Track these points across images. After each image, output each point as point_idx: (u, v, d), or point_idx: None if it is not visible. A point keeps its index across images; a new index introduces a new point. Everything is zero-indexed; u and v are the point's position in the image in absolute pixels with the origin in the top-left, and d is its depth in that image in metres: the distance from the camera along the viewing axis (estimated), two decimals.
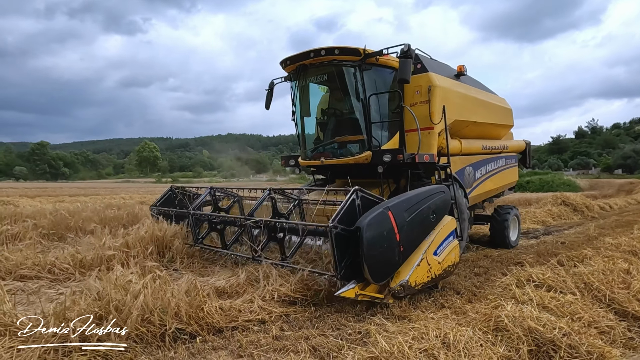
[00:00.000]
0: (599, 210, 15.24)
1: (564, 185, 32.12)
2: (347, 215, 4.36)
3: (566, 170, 66.79)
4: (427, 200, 4.79)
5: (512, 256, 7.32)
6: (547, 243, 8.69)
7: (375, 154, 6.24)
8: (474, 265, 6.70)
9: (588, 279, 4.69)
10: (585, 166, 70.88)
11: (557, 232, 10.57)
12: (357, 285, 4.27)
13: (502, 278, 5.32)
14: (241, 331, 3.89)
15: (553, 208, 14.01)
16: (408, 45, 5.87)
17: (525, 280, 4.82)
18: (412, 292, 4.57)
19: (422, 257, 4.59)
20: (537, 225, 11.93)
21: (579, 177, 44.97)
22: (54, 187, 40.75)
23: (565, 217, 13.51)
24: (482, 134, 8.36)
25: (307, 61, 6.41)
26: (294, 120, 7.21)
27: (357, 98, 6.32)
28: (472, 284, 5.55)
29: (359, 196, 4.57)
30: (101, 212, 9.67)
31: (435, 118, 6.56)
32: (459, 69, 7.72)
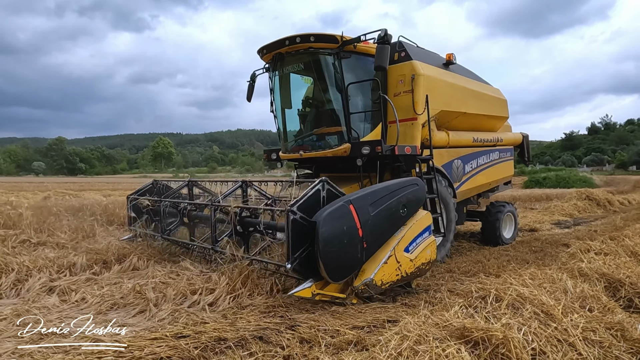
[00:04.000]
0: (619, 205, 16.07)
1: (580, 181, 31.58)
2: (309, 205, 4.06)
3: (580, 166, 65.39)
4: (397, 193, 4.46)
5: (558, 239, 8.26)
6: (581, 231, 9.55)
7: (354, 146, 5.95)
8: (529, 246, 7.74)
9: (634, 249, 6.02)
10: (600, 162, 69.34)
11: (586, 223, 11.57)
12: (315, 284, 4.00)
13: (566, 249, 6.44)
14: None
15: (578, 202, 15.04)
16: (385, 31, 5.54)
17: (586, 250, 5.79)
18: (378, 291, 4.28)
19: (390, 254, 4.27)
20: (566, 217, 13.13)
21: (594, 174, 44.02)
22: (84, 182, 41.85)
23: (590, 211, 14.58)
24: (473, 126, 7.96)
25: (282, 49, 6.12)
26: (273, 112, 6.94)
27: (336, 87, 6.04)
28: (535, 257, 6.57)
29: (325, 188, 4.26)
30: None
31: (418, 108, 6.24)
32: (448, 58, 7.35)
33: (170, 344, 3.17)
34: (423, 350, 2.51)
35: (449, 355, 2.46)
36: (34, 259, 5.50)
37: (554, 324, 2.91)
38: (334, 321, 3.81)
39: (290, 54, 6.16)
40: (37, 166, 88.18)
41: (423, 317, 3.06)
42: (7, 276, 4.88)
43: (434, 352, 2.47)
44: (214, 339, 3.30)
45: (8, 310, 3.73)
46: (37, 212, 8.79)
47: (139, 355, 2.98)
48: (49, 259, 5.51)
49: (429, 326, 2.82)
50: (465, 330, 2.72)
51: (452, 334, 2.74)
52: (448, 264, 6.57)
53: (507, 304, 3.12)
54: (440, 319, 2.95)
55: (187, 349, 3.12)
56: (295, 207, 3.92)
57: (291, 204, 3.93)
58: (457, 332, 2.74)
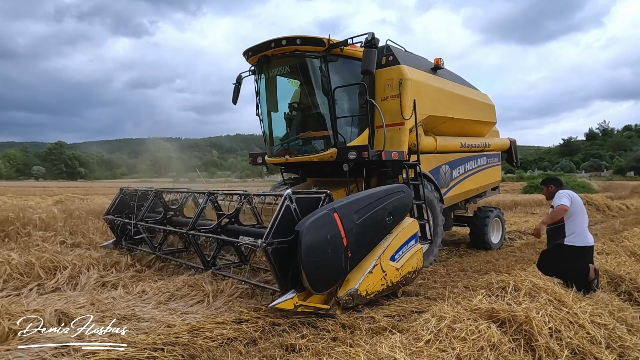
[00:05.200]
0: (618, 210, 16.57)
1: (578, 187, 31.96)
2: (283, 225, 3.87)
3: (578, 172, 65.91)
4: (383, 200, 4.37)
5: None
6: None
7: (340, 151, 5.85)
8: (533, 248, 8.22)
9: (632, 249, 6.57)
10: (598, 168, 69.83)
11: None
12: (297, 295, 3.84)
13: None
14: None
15: None
16: (372, 34, 5.46)
17: None
18: (363, 301, 4.17)
19: (376, 263, 4.18)
20: None
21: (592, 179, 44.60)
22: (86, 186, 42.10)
23: (589, 216, 14.40)
24: (461, 131, 7.93)
25: (268, 52, 6.03)
26: (259, 115, 6.83)
27: (322, 91, 5.94)
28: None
29: (293, 200, 4.04)
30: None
31: (406, 113, 6.16)
32: (436, 62, 7.30)
33: (233, 327, 3.65)
34: (459, 327, 2.99)
35: (481, 330, 2.94)
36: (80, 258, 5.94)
37: (565, 309, 3.39)
38: (368, 310, 4.28)
39: (276, 56, 6.06)
40: (37, 170, 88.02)
41: (453, 304, 3.54)
42: (62, 273, 5.32)
43: (468, 329, 2.96)
44: (270, 323, 3.80)
45: (82, 300, 4.20)
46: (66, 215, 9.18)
47: (210, 336, 3.46)
48: (94, 258, 5.94)
49: (460, 310, 3.31)
50: (493, 312, 3.21)
51: (481, 315, 3.22)
52: (460, 263, 7.04)
53: (524, 292, 3.60)
54: (468, 305, 3.43)
55: (249, 332, 3.62)
56: (269, 239, 3.72)
57: (264, 239, 3.73)
58: (486, 313, 3.23)
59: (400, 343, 2.77)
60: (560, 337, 3.08)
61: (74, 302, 4.10)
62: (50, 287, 4.99)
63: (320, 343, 3.46)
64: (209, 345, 3.35)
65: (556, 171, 60.97)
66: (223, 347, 3.34)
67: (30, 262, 5.51)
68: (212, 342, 3.40)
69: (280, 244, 3.81)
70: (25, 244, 7.00)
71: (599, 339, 3.19)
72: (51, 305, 3.88)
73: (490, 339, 2.87)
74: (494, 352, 2.78)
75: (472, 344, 2.81)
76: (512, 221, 13.12)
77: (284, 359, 3.20)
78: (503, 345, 2.86)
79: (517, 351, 2.89)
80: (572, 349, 3.03)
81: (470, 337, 2.87)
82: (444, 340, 2.86)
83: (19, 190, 29.04)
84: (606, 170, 68.17)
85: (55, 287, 5.01)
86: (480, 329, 2.95)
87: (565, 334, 3.09)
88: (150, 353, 3.13)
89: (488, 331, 2.93)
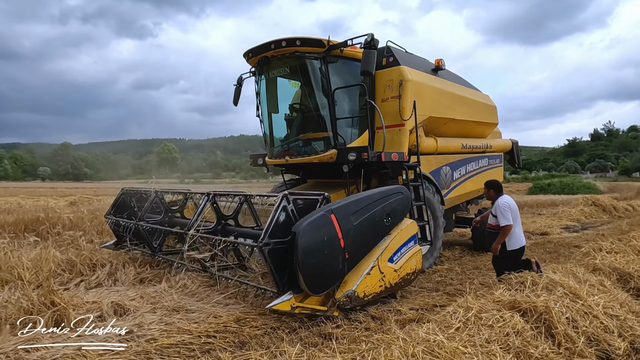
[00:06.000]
0: (624, 211, 16.67)
1: (584, 187, 32.11)
2: (280, 226, 3.89)
3: (583, 172, 65.75)
4: (381, 202, 4.35)
5: (569, 242, 9.27)
6: (590, 235, 10.47)
7: (340, 152, 5.84)
8: (543, 248, 8.59)
9: None
10: (603, 169, 69.52)
11: (593, 228, 12.25)
12: (295, 297, 3.83)
13: (580, 249, 7.30)
14: None
15: (585, 208, 15.59)
16: (371, 35, 5.44)
17: (598, 249, 6.36)
18: (360, 303, 4.16)
19: (374, 265, 4.17)
20: (573, 222, 13.71)
21: (598, 180, 44.62)
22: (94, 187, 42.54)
23: (596, 216, 15.11)
24: (462, 132, 7.89)
25: (268, 53, 6.02)
26: (259, 116, 6.82)
27: (322, 92, 5.93)
28: (551, 256, 7.45)
29: (290, 201, 4.05)
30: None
31: (405, 114, 6.14)
32: (437, 63, 7.27)
33: (274, 318, 4.00)
34: (485, 317, 3.30)
35: (506, 319, 3.26)
36: (116, 255, 6.27)
37: (580, 302, 3.69)
38: (395, 303, 4.61)
39: (276, 57, 6.05)
40: (43, 171, 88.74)
41: (477, 296, 3.86)
42: (102, 269, 5.66)
43: (494, 318, 3.27)
44: (306, 315, 4.10)
45: (132, 293, 4.53)
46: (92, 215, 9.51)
47: (255, 325, 3.81)
48: (129, 256, 6.28)
49: (485, 301, 3.62)
50: (515, 303, 3.52)
51: (504, 306, 3.53)
52: (474, 262, 7.34)
53: (542, 286, 3.90)
54: (491, 297, 3.75)
55: (289, 322, 3.97)
56: (266, 239, 3.71)
57: (261, 236, 3.73)
58: (509, 304, 3.54)
59: (432, 330, 3.09)
60: (577, 325, 3.38)
61: (125, 296, 4.43)
62: (93, 282, 5.32)
63: (354, 332, 3.79)
64: (255, 333, 3.71)
65: (561, 172, 60.79)
66: (268, 335, 3.71)
67: (71, 260, 5.84)
68: (257, 330, 3.75)
69: (278, 244, 3.79)
70: (57, 242, 7.33)
71: (612, 328, 3.49)
72: (106, 298, 4.23)
73: (515, 326, 3.18)
74: (518, 337, 3.09)
75: (498, 330, 3.13)
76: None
77: (324, 345, 3.52)
78: (526, 332, 3.17)
79: (538, 337, 3.20)
80: (588, 337, 3.34)
81: (496, 325, 3.19)
82: (472, 328, 3.17)
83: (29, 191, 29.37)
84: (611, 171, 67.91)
85: (97, 282, 5.33)
86: (505, 317, 3.27)
87: (581, 323, 3.40)
88: (206, 339, 3.48)
89: (512, 319, 3.25)
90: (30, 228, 8.54)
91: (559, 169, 68.05)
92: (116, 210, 6.68)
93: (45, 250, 5.20)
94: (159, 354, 3.21)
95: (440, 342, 2.82)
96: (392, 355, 2.70)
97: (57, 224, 8.69)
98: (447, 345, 2.79)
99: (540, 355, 2.92)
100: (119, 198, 6.81)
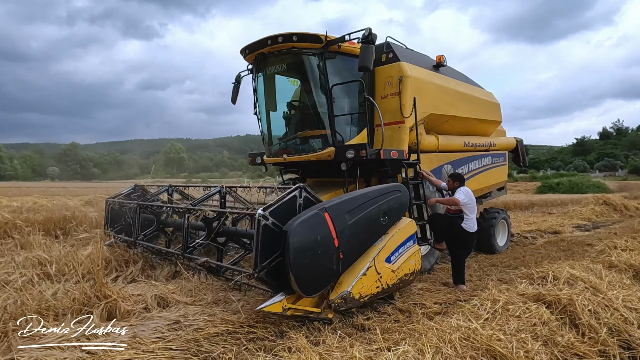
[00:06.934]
0: (635, 210, 16.91)
1: (593, 187, 31.94)
2: (283, 211, 3.78)
3: (592, 172, 65.17)
4: (377, 200, 4.23)
5: (582, 240, 9.25)
6: (601, 233, 10.50)
7: (338, 150, 5.72)
8: (557, 246, 8.73)
9: None
10: (612, 168, 68.74)
11: (605, 227, 12.34)
12: (287, 298, 3.71)
13: (593, 247, 7.49)
14: None
15: (596, 207, 15.83)
16: (369, 30, 5.29)
17: (613, 247, 6.61)
18: (356, 305, 4.02)
19: (370, 265, 4.03)
20: (585, 221, 13.91)
21: (607, 179, 44.34)
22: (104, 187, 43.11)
23: (607, 215, 15.35)
24: (465, 130, 7.73)
25: (265, 49, 5.90)
26: (257, 114, 6.68)
27: (320, 89, 5.82)
28: (565, 254, 7.50)
29: (302, 195, 3.98)
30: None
31: (405, 111, 6.02)
32: (438, 60, 7.11)
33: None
34: (512, 308, 3.52)
35: (532, 310, 3.48)
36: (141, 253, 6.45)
37: (601, 295, 3.91)
38: (420, 297, 4.82)
39: (272, 54, 5.91)
40: (52, 171, 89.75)
41: (502, 290, 4.07)
42: (135, 265, 5.91)
43: (521, 309, 3.48)
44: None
45: (171, 287, 4.78)
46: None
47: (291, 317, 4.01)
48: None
49: (510, 294, 3.83)
50: (540, 296, 3.75)
51: (529, 298, 3.77)
52: (490, 259, 7.51)
53: (563, 281, 4.13)
54: (515, 291, 3.96)
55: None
56: (267, 212, 3.63)
57: (263, 208, 3.64)
58: (534, 297, 3.77)
59: (464, 320, 3.30)
60: (599, 317, 3.60)
61: (166, 289, 4.64)
62: (129, 277, 5.57)
63: (385, 323, 4.01)
64: (293, 324, 3.92)
65: (569, 171, 60.27)
66: (306, 325, 3.90)
67: (106, 256, 6.11)
68: (295, 321, 3.96)
69: (274, 225, 3.68)
70: (85, 240, 7.60)
71: (632, 320, 3.71)
72: (149, 291, 4.47)
73: (541, 317, 3.41)
74: (545, 327, 3.31)
75: (525, 320, 3.35)
76: (531, 221, 13.63)
77: (358, 335, 3.73)
78: (552, 322, 3.40)
79: (563, 328, 3.41)
80: (609, 327, 3.55)
81: (523, 316, 3.41)
82: (501, 318, 3.39)
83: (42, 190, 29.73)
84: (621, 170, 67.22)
85: (132, 277, 5.57)
86: (531, 309, 3.50)
87: (602, 315, 3.62)
88: (249, 329, 3.71)
89: (538, 311, 3.47)
90: (58, 226, 8.84)
91: (567, 168, 67.42)
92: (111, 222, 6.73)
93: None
94: (208, 341, 3.45)
95: (475, 330, 3.03)
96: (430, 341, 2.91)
97: (83, 222, 8.96)
98: (483, 333, 3.00)
99: (566, 343, 3.14)
100: (128, 190, 7.03)
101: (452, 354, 2.82)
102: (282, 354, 3.16)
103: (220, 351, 3.28)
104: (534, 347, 2.97)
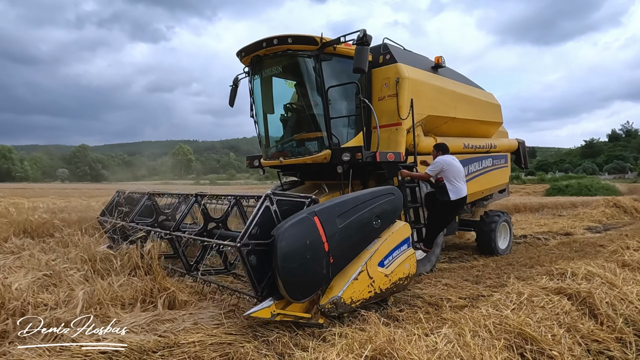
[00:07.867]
0: None
1: (602, 189, 31.76)
2: (261, 227, 3.70)
3: (601, 174, 64.76)
4: (369, 203, 4.15)
5: (594, 241, 9.40)
6: (613, 235, 10.57)
7: (335, 153, 5.70)
8: (569, 247, 8.88)
9: None
10: (622, 170, 68.19)
11: (615, 229, 12.46)
12: (276, 303, 3.65)
13: (606, 248, 7.78)
14: None
15: (606, 209, 15.87)
16: (364, 31, 5.27)
17: (625, 247, 6.82)
18: (347, 310, 3.95)
19: (362, 269, 3.96)
20: (595, 223, 14.03)
21: (616, 181, 44.16)
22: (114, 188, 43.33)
23: (617, 218, 15.43)
24: (464, 132, 7.67)
25: (260, 52, 5.90)
26: (253, 116, 6.70)
27: (316, 91, 5.81)
28: (578, 254, 7.65)
29: (274, 202, 3.86)
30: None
31: (403, 113, 5.98)
32: (437, 61, 7.08)
33: None
34: (537, 300, 3.88)
35: (554, 302, 3.84)
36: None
37: (617, 289, 4.26)
38: (445, 292, 5.17)
39: (268, 56, 5.92)
40: (61, 173, 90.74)
41: (524, 285, 4.43)
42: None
43: (544, 301, 3.85)
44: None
45: (189, 282, 5.02)
46: None
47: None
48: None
49: (533, 288, 4.19)
50: (561, 289, 4.11)
51: (551, 291, 4.12)
52: (506, 259, 7.80)
53: (581, 277, 4.47)
54: (536, 285, 4.32)
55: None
56: (245, 239, 3.53)
57: (240, 237, 3.55)
58: (555, 290, 4.13)
59: (494, 309, 3.66)
60: (615, 309, 3.94)
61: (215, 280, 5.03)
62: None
63: (417, 315, 4.34)
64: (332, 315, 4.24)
65: (578, 173, 59.91)
66: (346, 318, 4.08)
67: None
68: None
69: (258, 246, 3.60)
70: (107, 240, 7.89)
71: None
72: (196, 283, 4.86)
73: (563, 307, 3.76)
74: (567, 316, 3.66)
75: (549, 310, 3.70)
76: (542, 222, 13.87)
77: (394, 325, 4.06)
78: (573, 312, 3.75)
79: (583, 317, 3.77)
80: (625, 318, 3.89)
81: (547, 306, 3.76)
82: (527, 308, 3.74)
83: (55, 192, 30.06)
84: (630, 172, 66.60)
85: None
86: (554, 300, 3.85)
87: (618, 307, 3.97)
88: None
89: (560, 302, 3.83)
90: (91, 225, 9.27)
91: (576, 170, 66.88)
92: (111, 211, 6.37)
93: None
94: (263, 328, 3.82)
95: (507, 316, 3.40)
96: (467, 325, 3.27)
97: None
98: (514, 318, 3.37)
99: (587, 330, 3.49)
100: (112, 201, 6.69)
101: (488, 336, 3.17)
102: (332, 339, 3.52)
103: (275, 336, 3.61)
104: (560, 332, 3.34)
